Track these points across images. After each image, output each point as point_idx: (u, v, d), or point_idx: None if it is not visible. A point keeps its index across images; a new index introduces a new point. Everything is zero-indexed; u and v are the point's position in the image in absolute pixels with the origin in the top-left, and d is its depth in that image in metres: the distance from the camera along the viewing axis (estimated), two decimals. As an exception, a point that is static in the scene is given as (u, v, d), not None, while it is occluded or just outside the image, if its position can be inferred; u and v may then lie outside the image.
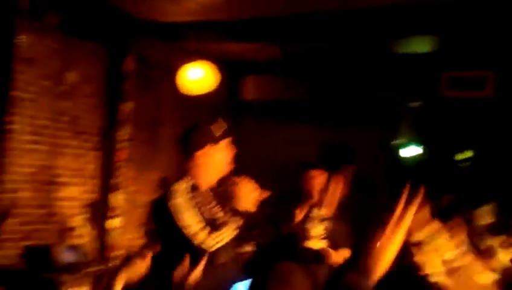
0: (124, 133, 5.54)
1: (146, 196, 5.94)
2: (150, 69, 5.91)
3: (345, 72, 6.40)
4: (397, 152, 6.93)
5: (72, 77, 5.15)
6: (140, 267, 1.93)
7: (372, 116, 6.72)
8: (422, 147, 6.88)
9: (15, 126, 4.57)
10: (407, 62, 5.80)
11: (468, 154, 6.77)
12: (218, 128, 2.74)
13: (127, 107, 5.59)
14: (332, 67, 6.40)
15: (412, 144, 6.97)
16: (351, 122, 6.76)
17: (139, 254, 2.21)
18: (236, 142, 2.80)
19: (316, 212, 3.93)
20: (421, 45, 5.12)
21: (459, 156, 6.78)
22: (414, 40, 4.99)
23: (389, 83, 6.20)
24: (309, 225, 3.90)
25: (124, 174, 5.59)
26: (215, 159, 2.71)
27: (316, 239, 3.89)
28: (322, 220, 3.90)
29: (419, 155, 6.91)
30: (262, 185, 3.12)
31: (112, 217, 5.37)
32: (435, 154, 6.70)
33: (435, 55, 5.27)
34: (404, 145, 6.97)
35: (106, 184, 5.42)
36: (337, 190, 3.79)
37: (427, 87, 5.81)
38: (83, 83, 5.28)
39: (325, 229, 3.87)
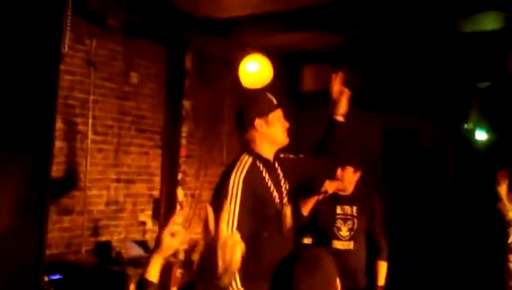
0: (185, 130, 5.64)
1: (207, 192, 6.04)
2: (208, 66, 5.97)
3: (409, 56, 6.15)
4: (467, 136, 6.63)
5: (134, 77, 5.31)
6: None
7: (439, 100, 6.43)
8: (492, 130, 6.54)
9: (84, 127, 4.77)
10: (473, 42, 5.49)
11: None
12: (265, 102, 2.61)
13: (188, 104, 5.68)
14: (395, 52, 6.18)
15: (481, 128, 6.65)
16: (418, 108, 6.51)
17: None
18: (297, 133, 2.71)
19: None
20: (486, 23, 4.82)
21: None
22: (479, 17, 4.71)
23: (455, 65, 5.90)
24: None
25: (186, 170, 5.69)
26: (275, 128, 2.57)
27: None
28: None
29: (490, 138, 6.57)
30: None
31: (175, 212, 5.47)
32: (506, 136, 6.33)
33: (501, 33, 4.95)
34: (474, 129, 6.65)
35: (170, 180, 5.54)
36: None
37: (494, 67, 5.47)
38: (145, 82, 5.43)
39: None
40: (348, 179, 3.62)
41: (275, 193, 2.56)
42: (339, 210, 3.63)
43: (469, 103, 6.55)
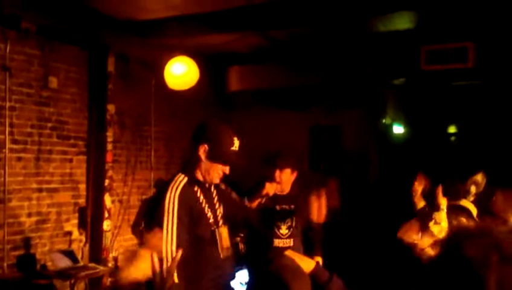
0: (110, 134, 5.51)
1: (136, 196, 5.94)
2: (132, 69, 5.86)
3: (330, 55, 6.38)
4: (385, 130, 6.99)
5: (54, 82, 5.11)
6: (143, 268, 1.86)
7: (358, 97, 6.73)
8: (408, 123, 6.96)
9: (1, 136, 4.53)
10: (388, 41, 5.78)
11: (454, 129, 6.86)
12: (231, 135, 2.62)
13: (112, 108, 5.55)
14: (317, 52, 6.38)
15: (398, 122, 7.05)
16: (338, 105, 6.78)
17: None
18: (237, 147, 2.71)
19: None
20: (400, 22, 5.09)
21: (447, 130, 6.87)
22: (394, 16, 4.97)
23: (372, 63, 6.19)
24: None
25: (113, 176, 5.56)
26: (206, 164, 2.59)
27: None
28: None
29: (407, 132, 6.98)
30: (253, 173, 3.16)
31: (103, 220, 5.35)
32: (422, 130, 6.75)
33: (414, 31, 5.26)
34: (391, 124, 7.03)
35: (96, 187, 5.39)
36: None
37: (408, 64, 5.79)
38: (65, 87, 5.24)
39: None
40: (285, 179, 3.69)
41: (209, 214, 2.61)
42: (278, 209, 3.71)
43: (386, 99, 6.91)
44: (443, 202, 3.31)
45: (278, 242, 3.63)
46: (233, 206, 2.83)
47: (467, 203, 3.49)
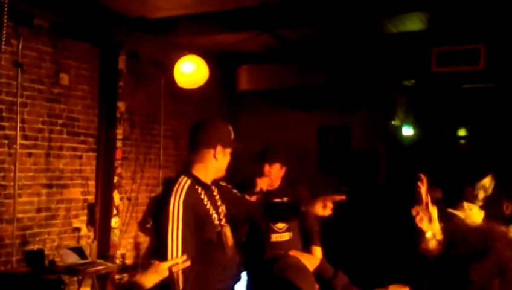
0: (120, 132, 5.54)
1: (144, 194, 5.97)
2: (143, 67, 5.89)
3: (338, 55, 6.37)
4: (394, 132, 6.97)
5: (65, 79, 5.15)
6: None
7: (367, 98, 6.71)
8: (417, 126, 6.92)
9: (11, 132, 4.57)
10: (399, 42, 5.77)
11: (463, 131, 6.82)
12: (230, 134, 2.65)
13: (122, 105, 5.58)
14: (327, 52, 6.37)
15: (407, 124, 7.02)
16: (347, 105, 6.77)
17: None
18: (234, 132, 2.74)
19: None
20: (411, 23, 5.08)
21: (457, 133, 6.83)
22: (405, 17, 4.95)
23: (382, 64, 6.17)
24: None
25: (122, 173, 5.59)
26: (225, 161, 2.62)
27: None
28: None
29: (416, 134, 6.94)
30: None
31: (111, 217, 5.38)
32: (432, 132, 6.71)
33: (425, 33, 5.24)
34: (401, 126, 7.01)
35: (105, 184, 5.42)
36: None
37: (419, 65, 5.77)
38: (76, 84, 5.28)
39: None
40: (274, 174, 3.63)
41: (214, 215, 2.59)
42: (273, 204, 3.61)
43: (395, 100, 6.88)
44: (433, 211, 3.28)
45: (275, 237, 3.58)
46: (236, 202, 2.80)
47: (461, 212, 3.44)
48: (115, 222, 5.42)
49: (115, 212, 5.42)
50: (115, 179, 5.44)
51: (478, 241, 1.06)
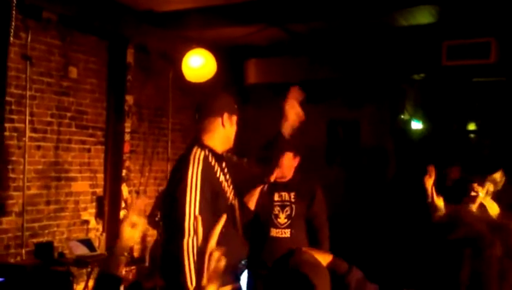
0: (128, 125, 5.55)
1: (152, 187, 5.98)
2: (151, 60, 5.89)
3: (349, 49, 6.32)
4: (403, 126, 6.93)
5: (74, 72, 5.15)
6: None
7: (376, 92, 6.67)
8: (427, 120, 6.88)
9: (20, 124, 4.59)
10: (409, 35, 5.72)
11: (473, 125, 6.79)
12: (234, 102, 2.70)
13: (130, 99, 5.58)
14: (336, 45, 6.33)
15: (417, 118, 6.97)
16: (357, 99, 6.73)
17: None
18: (242, 125, 2.75)
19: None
20: (421, 16, 5.03)
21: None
22: (415, 10, 4.91)
23: (392, 58, 6.12)
24: None
25: (130, 166, 5.61)
26: (232, 130, 2.64)
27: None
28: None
29: (426, 128, 6.90)
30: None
31: (119, 210, 5.40)
32: (441, 126, 6.66)
33: (435, 26, 5.19)
34: (410, 120, 6.97)
35: (113, 177, 5.44)
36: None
37: (429, 59, 5.71)
38: (85, 77, 5.28)
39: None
40: (286, 164, 3.47)
41: (226, 187, 2.59)
42: (276, 197, 3.49)
43: (405, 94, 6.84)
44: (439, 202, 3.26)
45: (275, 232, 3.45)
46: (237, 170, 2.76)
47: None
48: (123, 214, 5.44)
49: (123, 205, 5.44)
50: (123, 172, 5.46)
51: (484, 231, 1.07)
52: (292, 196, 3.51)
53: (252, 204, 3.16)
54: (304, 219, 3.53)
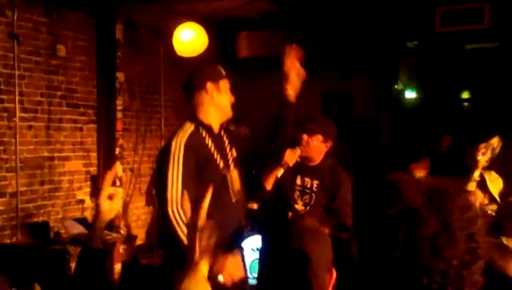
0: (120, 103, 5.48)
1: (146, 165, 5.95)
2: (140, 36, 5.79)
3: (340, 19, 6.24)
4: (397, 96, 6.91)
5: (62, 50, 5.07)
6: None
7: (370, 62, 6.61)
8: (420, 89, 6.86)
9: (10, 104, 4.52)
10: (402, 2, 5.64)
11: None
12: (218, 70, 2.68)
13: (121, 76, 5.51)
14: (327, 15, 6.24)
15: (410, 88, 6.95)
16: (350, 70, 6.68)
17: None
18: (236, 100, 2.71)
19: None
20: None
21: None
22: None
23: (385, 25, 6.04)
24: None
25: (123, 144, 5.56)
26: (223, 97, 2.63)
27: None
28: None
29: (419, 98, 6.89)
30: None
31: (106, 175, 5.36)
32: (435, 95, 6.64)
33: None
34: (403, 89, 6.94)
35: (107, 156, 5.40)
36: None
37: (423, 25, 5.64)
38: (74, 55, 5.20)
39: None
40: (315, 147, 3.13)
41: (219, 159, 2.60)
42: (299, 181, 3.19)
43: (398, 64, 6.79)
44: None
45: (291, 216, 3.16)
46: (244, 142, 2.80)
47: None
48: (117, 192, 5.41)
49: (118, 183, 5.41)
50: (117, 150, 5.41)
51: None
52: (315, 185, 3.18)
53: (268, 185, 3.07)
54: (323, 208, 3.19)
